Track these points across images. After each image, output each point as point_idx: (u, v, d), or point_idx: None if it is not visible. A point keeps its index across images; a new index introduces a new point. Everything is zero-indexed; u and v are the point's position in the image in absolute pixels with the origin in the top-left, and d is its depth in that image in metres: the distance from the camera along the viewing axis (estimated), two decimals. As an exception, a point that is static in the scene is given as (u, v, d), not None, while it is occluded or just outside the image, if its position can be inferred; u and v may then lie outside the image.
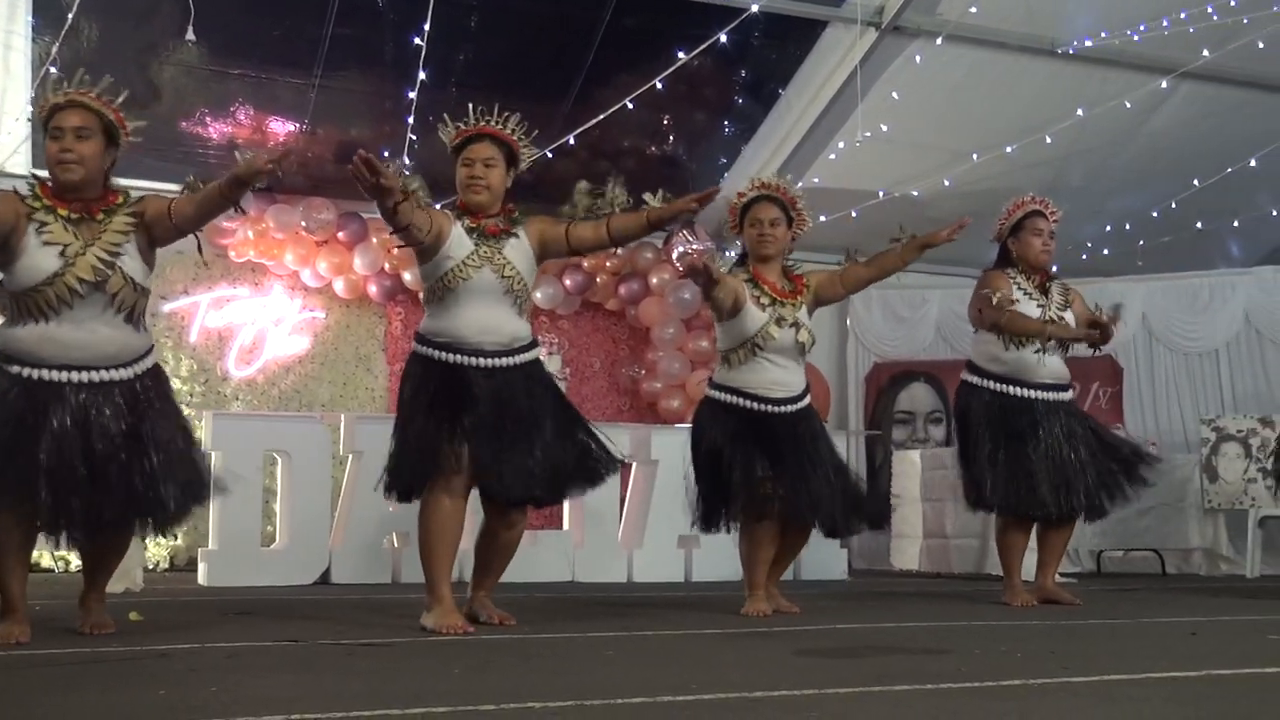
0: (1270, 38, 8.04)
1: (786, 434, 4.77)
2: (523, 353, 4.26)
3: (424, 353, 4.21)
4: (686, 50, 7.61)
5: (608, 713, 2.42)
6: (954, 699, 2.58)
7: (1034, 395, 5.33)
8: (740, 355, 4.80)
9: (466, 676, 2.98)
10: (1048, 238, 5.45)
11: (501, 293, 4.19)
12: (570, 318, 9.38)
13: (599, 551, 7.21)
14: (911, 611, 5.12)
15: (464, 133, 4.25)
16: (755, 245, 4.89)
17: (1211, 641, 3.92)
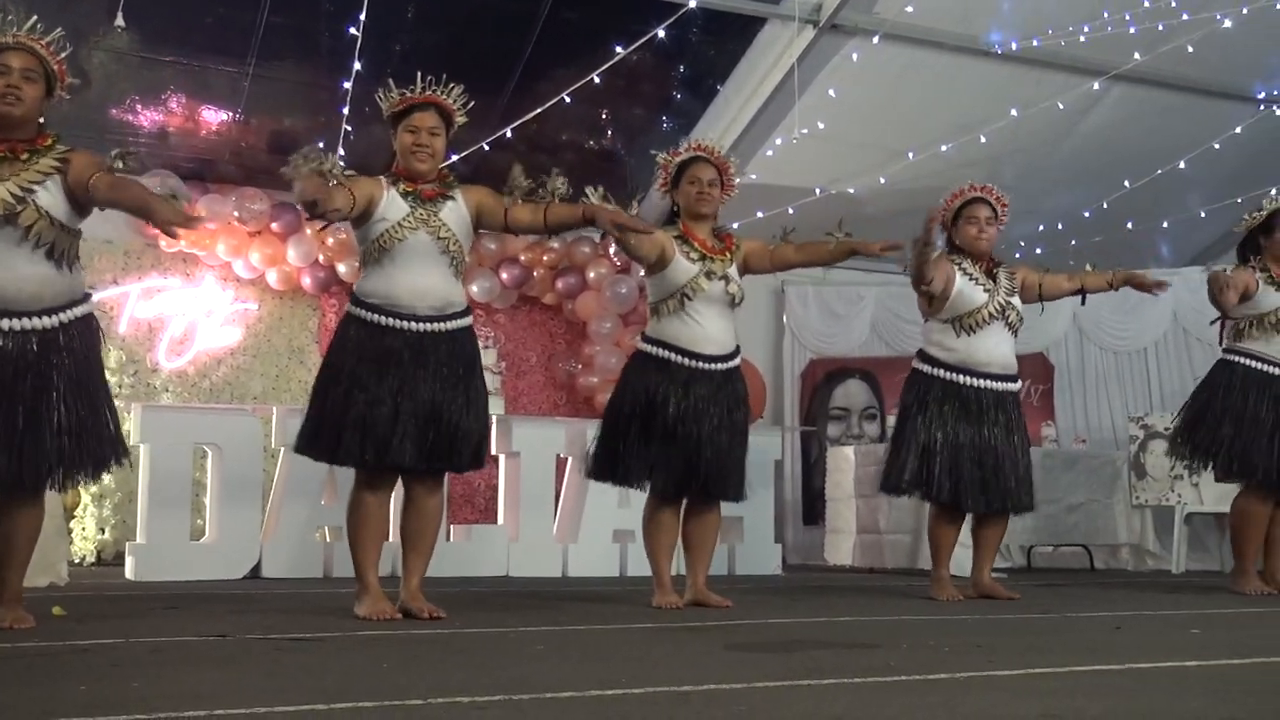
0: (1200, 42, 8.17)
1: (712, 395, 4.77)
2: (457, 318, 4.29)
3: (356, 313, 4.23)
4: (625, 45, 7.61)
5: (536, 707, 2.41)
6: (880, 692, 2.60)
7: (984, 385, 5.36)
8: (670, 305, 4.80)
9: (395, 671, 2.96)
10: (984, 224, 5.46)
11: (438, 253, 4.21)
12: (507, 312, 9.35)
13: (533, 546, 7.19)
14: (843, 606, 5.16)
15: (409, 100, 4.28)
16: (693, 202, 4.90)
17: (1135, 636, 3.97)
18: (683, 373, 4.77)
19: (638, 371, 4.86)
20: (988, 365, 5.37)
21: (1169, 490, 8.23)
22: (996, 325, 5.39)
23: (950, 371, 5.37)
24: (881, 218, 9.80)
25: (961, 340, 5.37)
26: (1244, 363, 5.78)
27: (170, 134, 8.21)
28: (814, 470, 9.69)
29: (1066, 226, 9.96)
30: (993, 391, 5.37)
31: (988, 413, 5.34)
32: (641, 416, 4.75)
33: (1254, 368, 5.76)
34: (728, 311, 4.89)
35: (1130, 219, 9.72)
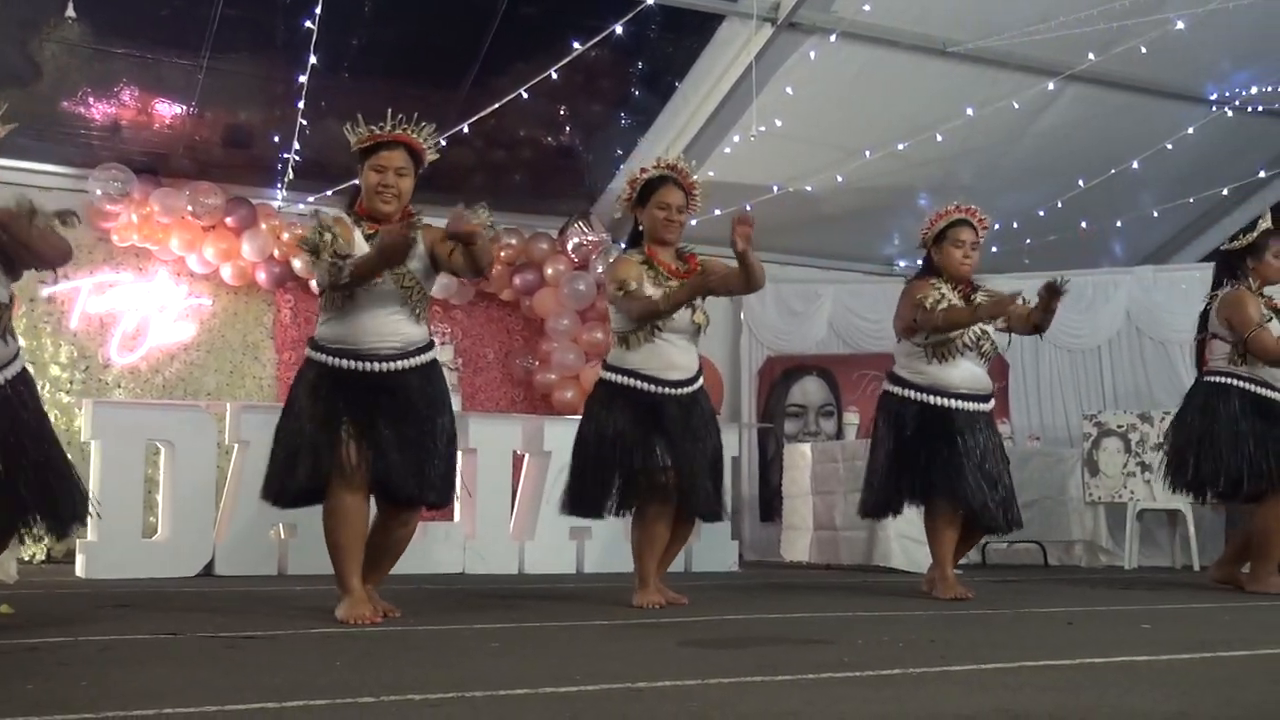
0: (1153, 43, 8.24)
1: (681, 418, 4.76)
2: (417, 355, 4.24)
3: (319, 359, 4.18)
4: (583, 41, 7.59)
5: (489, 704, 2.41)
6: (834, 688, 2.60)
7: (955, 405, 5.30)
8: (640, 337, 4.75)
9: (348, 669, 2.94)
10: (969, 249, 5.40)
11: (400, 302, 4.17)
12: (464, 308, 9.31)
13: (490, 543, 7.17)
14: (799, 603, 5.17)
15: (377, 137, 4.20)
16: (660, 228, 4.83)
17: (1087, 631, 4.01)
18: (650, 398, 4.74)
19: (604, 402, 4.81)
20: (959, 387, 5.33)
21: (1122, 487, 8.31)
22: (970, 355, 5.35)
23: (921, 393, 5.33)
24: (838, 215, 9.87)
25: (934, 366, 5.33)
26: (1245, 388, 5.65)
27: (123, 127, 8.11)
28: (771, 467, 9.71)
29: (1022, 225, 10.02)
30: (966, 412, 5.33)
31: (964, 429, 5.29)
32: (615, 450, 4.70)
33: (1256, 394, 5.64)
34: (693, 339, 4.86)
35: (1084, 218, 9.81)
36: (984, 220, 5.50)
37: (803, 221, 9.78)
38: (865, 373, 9.88)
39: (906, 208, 10.01)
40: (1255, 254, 5.78)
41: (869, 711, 2.31)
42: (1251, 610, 4.83)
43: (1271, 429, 5.59)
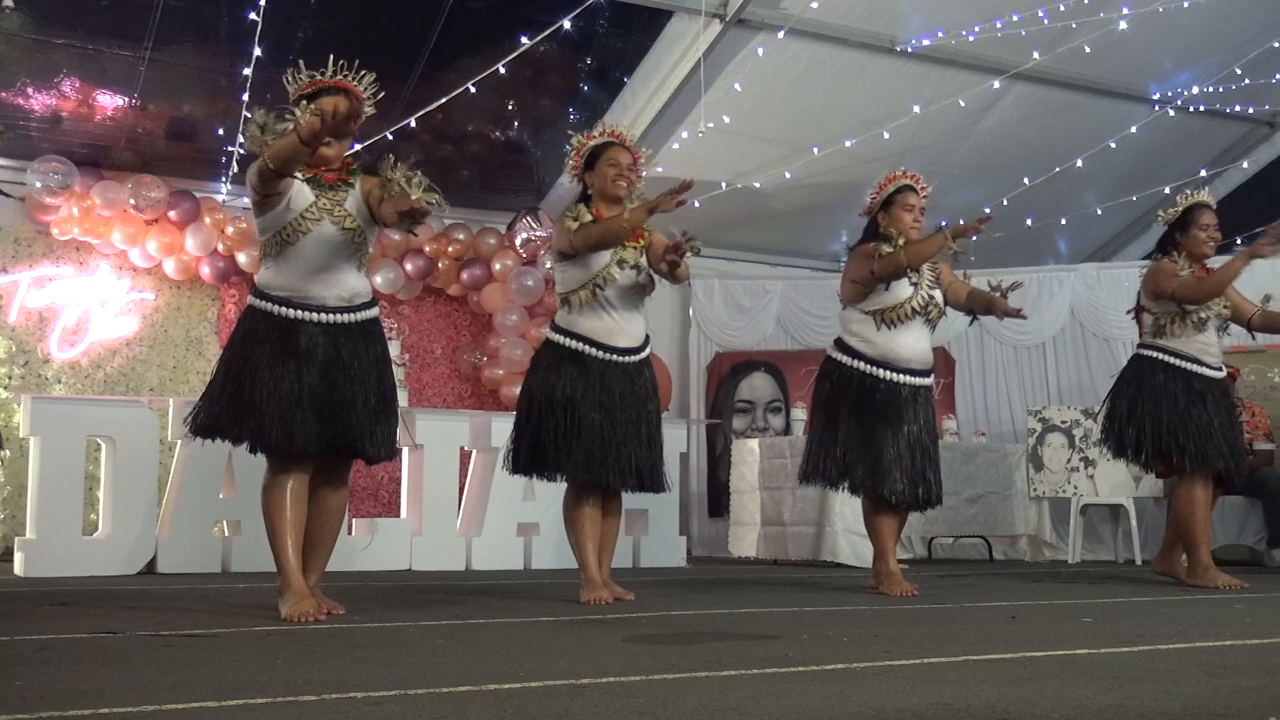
0: (1097, 43, 8.34)
1: (627, 388, 4.78)
2: (364, 309, 4.22)
3: (261, 306, 4.13)
4: (531, 35, 7.57)
5: (431, 702, 2.39)
6: (777, 683, 2.61)
7: (901, 380, 5.33)
8: (581, 296, 4.77)
9: (290, 667, 2.91)
10: (918, 213, 5.46)
11: (342, 244, 4.13)
12: (411, 303, 9.26)
13: (437, 540, 7.14)
14: (745, 598, 5.18)
15: (319, 84, 4.18)
16: (610, 185, 4.85)
17: (1029, 625, 4.04)
18: (597, 365, 4.76)
19: (551, 363, 4.81)
20: (908, 361, 5.35)
21: (1065, 482, 8.40)
22: (918, 320, 5.36)
23: (870, 365, 5.34)
24: (787, 211, 9.91)
25: (882, 334, 5.33)
26: (1163, 359, 5.79)
27: (64, 119, 7.99)
28: (719, 463, 9.73)
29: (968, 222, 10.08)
30: (910, 386, 5.35)
31: (906, 407, 5.32)
32: (557, 409, 4.72)
33: (1173, 364, 5.76)
34: (639, 302, 4.88)
35: (1030, 215, 9.90)
36: (925, 189, 5.59)
37: (751, 217, 9.81)
38: (813, 369, 9.82)
39: (854, 204, 9.97)
40: (1183, 228, 5.86)
41: (812, 706, 2.32)
42: (1190, 604, 4.89)
43: (1193, 405, 5.70)
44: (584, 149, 4.94)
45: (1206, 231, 5.81)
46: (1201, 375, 5.76)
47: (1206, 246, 5.81)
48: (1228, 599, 5.08)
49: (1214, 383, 5.79)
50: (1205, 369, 5.78)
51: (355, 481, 8.29)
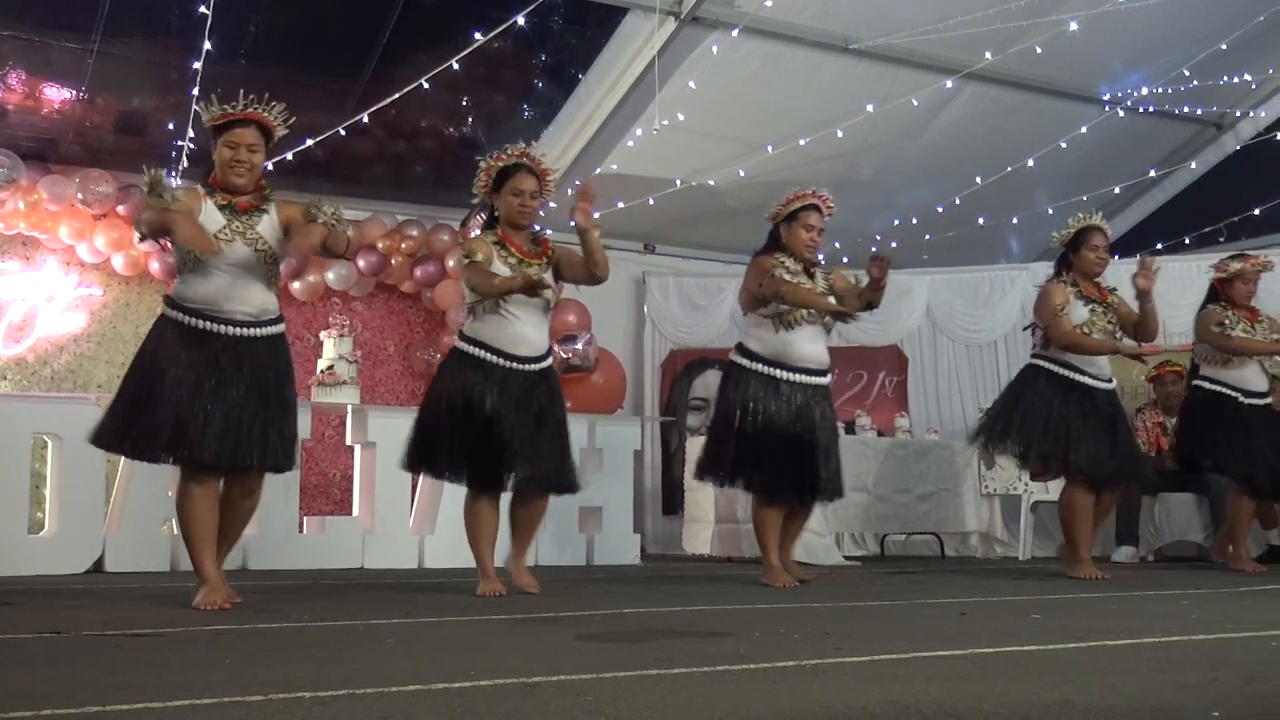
0: (1048, 43, 8.40)
1: (526, 394, 4.98)
2: (271, 325, 4.46)
3: (173, 316, 4.37)
4: (485, 31, 7.53)
5: (379, 701, 2.38)
6: (728, 680, 2.61)
7: (797, 379, 5.60)
8: (486, 306, 4.97)
9: (238, 667, 2.89)
10: (816, 233, 5.72)
11: (254, 264, 4.38)
12: (364, 300, 9.20)
13: (389, 537, 7.10)
14: (699, 595, 5.19)
15: (230, 115, 4.43)
16: (515, 214, 5.06)
17: (979, 621, 4.07)
18: (498, 372, 4.96)
19: (454, 369, 5.02)
20: (804, 361, 5.61)
21: (1016, 480, 8.46)
22: (813, 324, 5.64)
23: (767, 365, 5.60)
24: (741, 209, 9.91)
25: (780, 336, 5.60)
26: (1048, 367, 6.17)
27: (9, 112, 7.88)
28: (673, 460, 9.73)
29: (921, 221, 10.16)
30: (806, 385, 5.61)
31: (801, 406, 5.58)
32: (458, 413, 4.92)
33: (1057, 373, 6.14)
34: (542, 314, 5.09)
35: (982, 215, 9.97)
36: (831, 207, 5.82)
37: (705, 215, 9.82)
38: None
39: (808, 203, 10.08)
40: (1075, 249, 6.27)
41: (762, 703, 2.32)
42: (1138, 600, 4.95)
43: (1069, 413, 6.08)
44: (492, 170, 5.09)
45: (1096, 252, 6.22)
46: (1083, 385, 6.12)
47: (1096, 266, 6.23)
48: (1175, 595, 5.15)
49: (1096, 392, 6.15)
50: (1088, 379, 6.14)
51: (306, 479, 8.23)
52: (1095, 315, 6.16)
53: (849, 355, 10.13)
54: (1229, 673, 2.70)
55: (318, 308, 8.90)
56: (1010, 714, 2.20)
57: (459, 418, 4.92)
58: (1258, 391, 6.89)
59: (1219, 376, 6.90)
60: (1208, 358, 6.96)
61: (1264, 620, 3.90)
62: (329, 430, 8.68)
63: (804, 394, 5.59)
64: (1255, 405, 6.86)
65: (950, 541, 9.06)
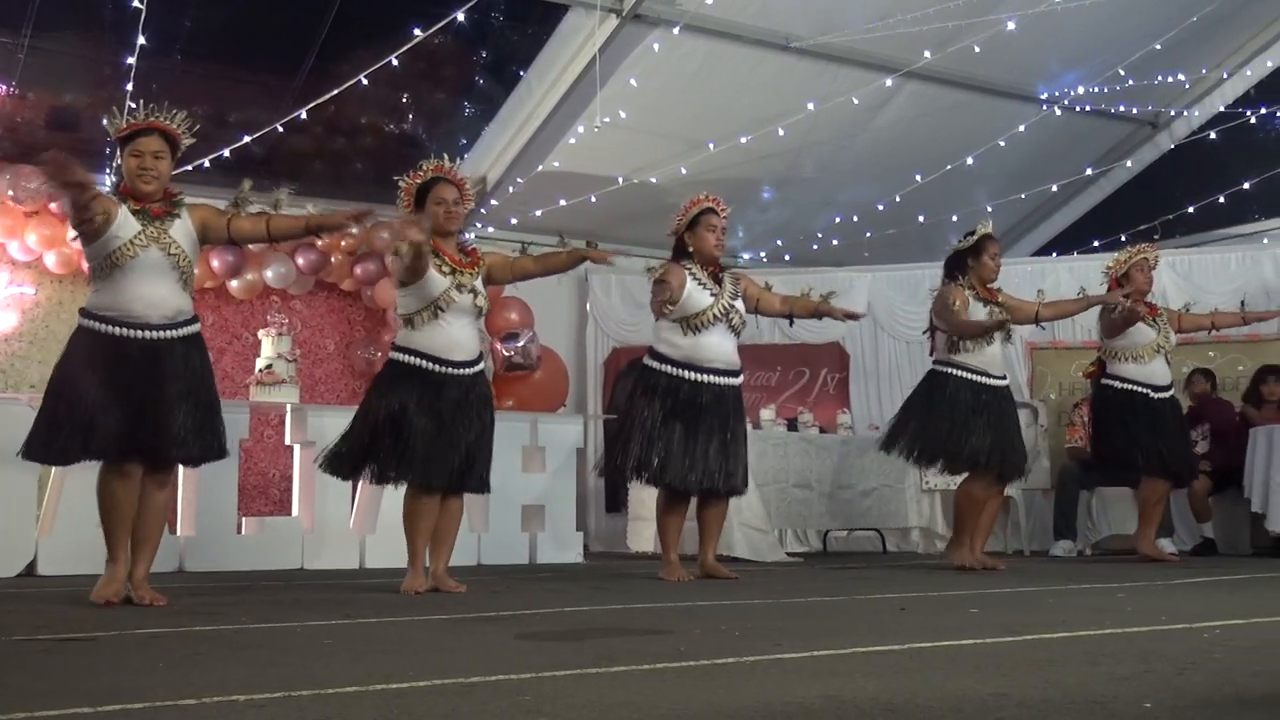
0: (986, 43, 8.48)
1: (460, 398, 5.13)
2: (185, 326, 4.58)
3: (89, 325, 4.48)
4: (424, 27, 7.49)
5: (316, 703, 2.35)
6: (667, 678, 2.61)
7: (706, 379, 5.79)
8: (424, 317, 5.12)
9: (171, 671, 2.84)
10: (720, 233, 5.95)
11: (168, 269, 4.50)
12: (303, 298, 9.12)
13: (330, 538, 7.04)
14: (641, 593, 5.18)
15: (134, 126, 4.55)
16: (441, 222, 5.21)
17: (918, 616, 4.09)
18: (434, 377, 5.11)
19: (391, 379, 5.16)
20: (711, 362, 5.82)
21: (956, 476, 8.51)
22: (720, 326, 5.84)
23: (676, 367, 5.80)
24: (682, 207, 9.93)
25: (688, 339, 5.81)
26: (955, 374, 6.53)
27: (-61, 107, 7.75)
28: (617, 458, 9.71)
29: (862, 218, 10.23)
30: (715, 386, 5.81)
31: (709, 405, 5.77)
32: (396, 420, 5.05)
33: (964, 378, 6.51)
34: (473, 320, 5.26)
35: (921, 212, 10.05)
36: (725, 211, 6.07)
37: (647, 213, 9.79)
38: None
39: (750, 200, 10.13)
40: (975, 255, 6.63)
41: (700, 700, 2.32)
42: (1075, 594, 5.00)
43: (980, 412, 6.44)
44: (412, 188, 5.28)
45: (996, 259, 6.65)
46: (987, 385, 6.52)
47: (994, 272, 6.65)
48: (1111, 589, 5.21)
49: (997, 391, 6.55)
50: (990, 379, 6.53)
51: (245, 479, 8.15)
52: (993, 315, 6.54)
53: (791, 352, 10.19)
54: (1162, 664, 2.73)
55: (256, 306, 8.82)
56: (946, 708, 2.21)
57: (399, 425, 5.04)
58: (1164, 385, 7.18)
59: (1127, 374, 7.14)
60: (1116, 355, 7.18)
61: (1197, 612, 3.96)
62: (268, 430, 8.60)
63: (713, 393, 5.79)
64: (1164, 399, 7.16)
65: (892, 537, 9.13)
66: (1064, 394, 9.67)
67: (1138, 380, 7.11)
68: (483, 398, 5.27)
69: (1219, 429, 8.45)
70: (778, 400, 9.76)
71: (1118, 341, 7.14)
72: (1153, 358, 7.12)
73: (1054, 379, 9.83)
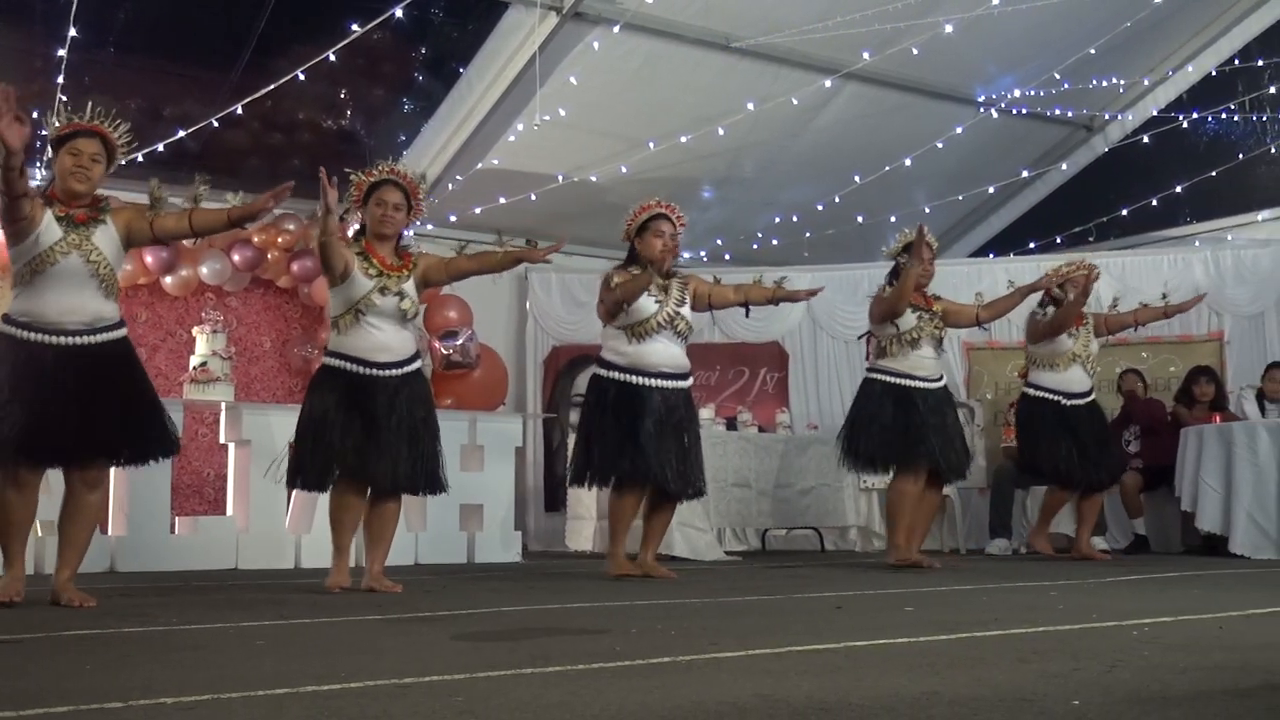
0: (925, 45, 8.55)
1: (388, 400, 5.13)
2: (106, 332, 4.56)
3: (7, 331, 4.48)
4: (362, 23, 7.43)
5: (246, 705, 2.32)
6: (602, 678, 2.60)
7: (654, 384, 5.84)
8: (347, 320, 5.14)
9: (98, 673, 2.80)
10: (669, 239, 5.91)
11: (88, 276, 4.48)
12: (239, 295, 9.01)
13: (264, 537, 6.97)
14: (579, 593, 5.17)
15: (76, 126, 4.53)
16: (377, 224, 5.23)
17: (854, 615, 4.11)
18: (361, 380, 5.13)
19: (321, 386, 5.20)
20: (659, 367, 5.87)
21: (893, 474, 8.57)
22: (665, 333, 5.88)
23: (623, 373, 5.86)
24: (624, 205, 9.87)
25: (633, 345, 5.86)
26: (883, 379, 6.67)
27: None
28: (556, 457, 9.71)
29: (801, 218, 10.28)
30: (664, 389, 5.86)
31: (660, 409, 5.82)
32: (326, 424, 5.09)
33: (891, 382, 6.64)
34: (401, 324, 5.24)
35: (860, 213, 10.11)
36: (681, 217, 6.06)
37: (587, 211, 9.80)
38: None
39: (690, 199, 10.13)
40: None
41: (635, 700, 2.32)
42: (1008, 591, 5.06)
43: (906, 415, 6.57)
44: (364, 184, 5.28)
45: (924, 264, 6.70)
46: (917, 389, 6.62)
47: (925, 277, 6.76)
48: (1044, 586, 5.27)
49: (928, 393, 6.64)
50: (920, 382, 6.63)
51: (178, 479, 8.05)
52: (923, 321, 6.66)
53: (730, 352, 10.22)
54: (1091, 662, 2.77)
55: (191, 303, 8.71)
56: (878, 707, 2.22)
57: (329, 428, 5.08)
58: (1081, 393, 7.30)
59: (1043, 382, 7.31)
60: (1035, 362, 7.39)
61: (1126, 610, 4.01)
62: (202, 428, 8.50)
63: (661, 396, 5.84)
64: (1077, 406, 7.29)
65: (830, 536, 9.17)
66: (1000, 394, 9.77)
67: (1052, 388, 7.29)
68: (416, 397, 5.25)
69: (1148, 428, 8.58)
70: (717, 399, 9.78)
71: (1038, 349, 7.33)
72: (1069, 366, 7.28)
73: (990, 379, 9.94)
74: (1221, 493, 7.46)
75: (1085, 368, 7.35)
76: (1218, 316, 9.66)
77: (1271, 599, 4.58)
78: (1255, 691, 2.39)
